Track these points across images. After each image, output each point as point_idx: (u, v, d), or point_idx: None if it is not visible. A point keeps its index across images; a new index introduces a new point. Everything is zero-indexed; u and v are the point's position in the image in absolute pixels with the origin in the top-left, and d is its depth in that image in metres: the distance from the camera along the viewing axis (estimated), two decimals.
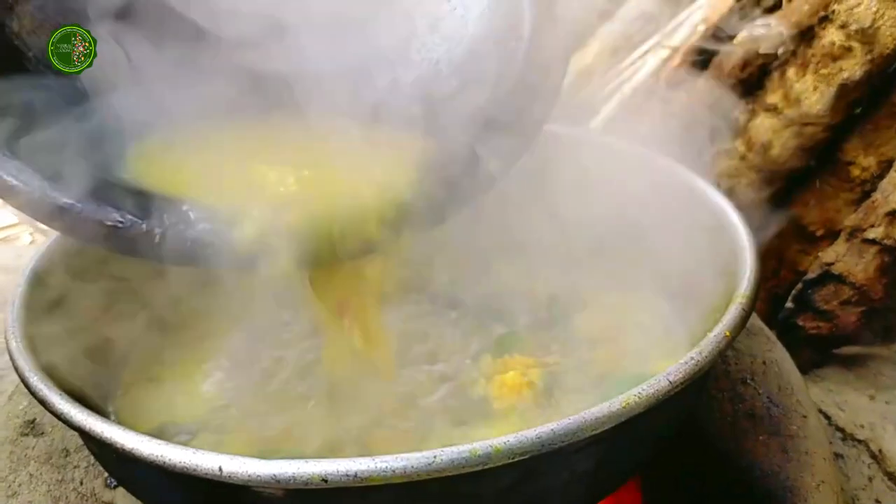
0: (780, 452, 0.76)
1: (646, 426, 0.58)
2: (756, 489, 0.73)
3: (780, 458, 0.76)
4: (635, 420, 0.52)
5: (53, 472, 0.79)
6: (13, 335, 0.67)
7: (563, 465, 0.55)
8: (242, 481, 0.50)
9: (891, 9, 1.05)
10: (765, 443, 0.77)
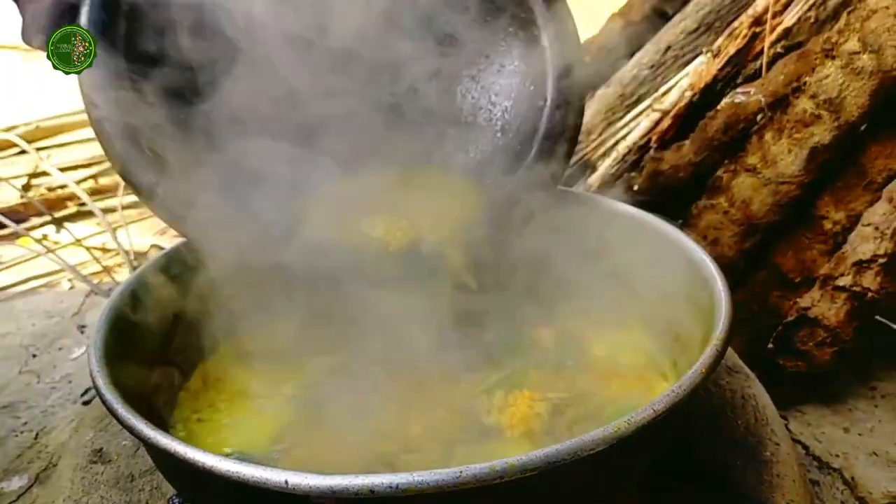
0: (756, 475, 0.87)
1: (636, 448, 0.69)
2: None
3: (755, 480, 0.87)
4: (626, 442, 0.63)
5: (121, 494, 0.90)
6: (98, 374, 0.78)
7: (566, 479, 0.66)
8: (304, 492, 0.61)
9: (855, 81, 1.19)
10: (742, 467, 0.88)
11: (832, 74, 1.21)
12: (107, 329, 0.87)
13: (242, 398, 0.98)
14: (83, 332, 1.70)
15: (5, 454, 1.31)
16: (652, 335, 1.01)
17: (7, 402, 1.47)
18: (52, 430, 1.37)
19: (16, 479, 1.25)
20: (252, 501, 0.67)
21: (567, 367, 0.98)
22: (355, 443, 0.85)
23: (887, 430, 1.25)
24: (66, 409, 1.43)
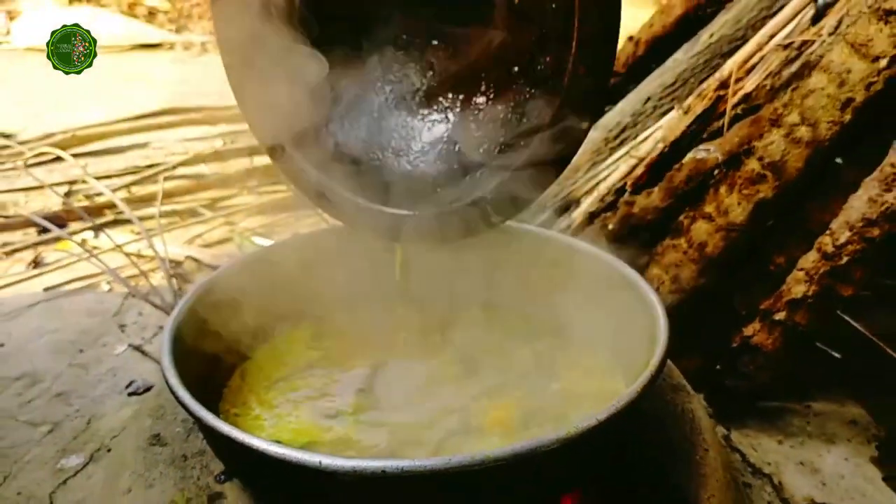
0: (686, 474, 1.10)
1: (584, 447, 0.91)
2: (670, 500, 1.07)
3: (685, 478, 1.09)
4: (575, 442, 0.85)
5: (177, 471, 1.12)
6: (170, 372, 1.00)
7: (528, 469, 0.89)
8: (333, 470, 0.83)
9: (794, 149, 1.41)
10: (676, 467, 1.11)
11: (776, 141, 1.43)
12: (175, 333, 1.09)
13: (269, 402, 1.21)
14: (123, 331, 1.92)
15: (62, 436, 1.54)
16: (611, 357, 1.24)
17: (60, 390, 1.70)
18: (102, 416, 1.59)
19: (73, 458, 1.47)
20: (291, 478, 0.90)
21: (542, 381, 1.21)
22: (369, 441, 1.08)
23: (815, 443, 1.47)
24: (113, 398, 1.65)
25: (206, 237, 2.47)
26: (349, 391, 1.21)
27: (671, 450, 1.14)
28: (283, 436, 1.12)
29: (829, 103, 1.37)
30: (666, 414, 1.21)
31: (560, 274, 1.31)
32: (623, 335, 1.20)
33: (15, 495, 1.38)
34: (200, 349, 1.18)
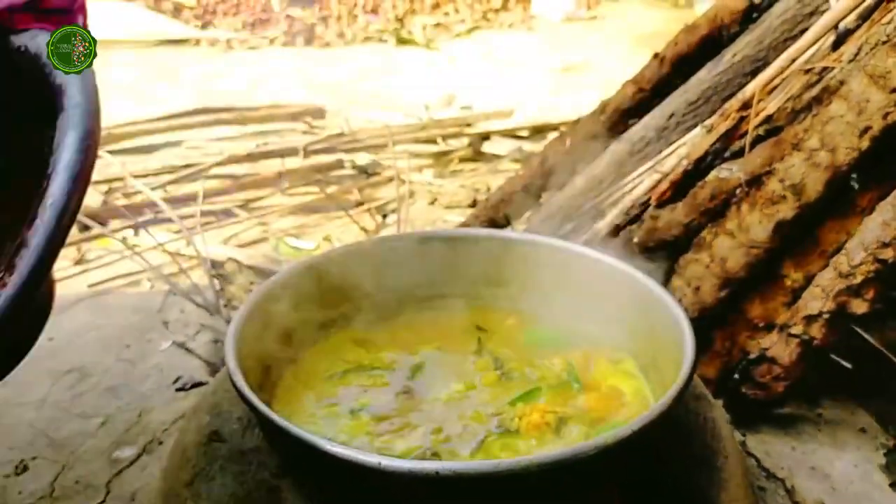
0: (708, 479, 1.18)
1: (620, 456, 0.99)
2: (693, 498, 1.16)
3: (707, 483, 1.18)
4: (612, 450, 0.94)
5: (235, 465, 1.21)
6: (236, 374, 1.09)
7: (570, 474, 0.97)
8: (391, 471, 0.92)
9: (814, 172, 1.49)
10: (698, 473, 1.19)
11: (797, 164, 1.51)
12: (238, 335, 1.18)
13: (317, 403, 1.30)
14: (167, 328, 2.02)
15: (115, 429, 1.64)
16: (639, 367, 1.33)
17: (110, 384, 1.80)
18: (151, 409, 1.69)
19: (127, 449, 1.57)
20: (349, 478, 0.99)
21: (573, 388, 1.29)
22: (414, 441, 1.17)
23: (826, 451, 1.55)
24: (162, 393, 1.75)
25: (240, 237, 2.56)
26: (392, 393, 1.30)
27: (694, 456, 1.23)
28: (334, 435, 1.21)
29: (847, 130, 1.45)
30: (689, 422, 1.29)
31: (590, 287, 1.40)
32: (650, 347, 1.29)
33: (73, 484, 1.48)
34: (256, 350, 1.27)
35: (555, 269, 1.47)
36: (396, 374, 1.36)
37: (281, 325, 1.36)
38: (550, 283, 1.48)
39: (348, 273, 1.48)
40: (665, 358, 1.22)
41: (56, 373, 1.84)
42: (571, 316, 1.44)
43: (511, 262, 1.51)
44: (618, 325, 1.38)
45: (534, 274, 1.50)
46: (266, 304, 1.32)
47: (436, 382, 1.32)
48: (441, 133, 3.28)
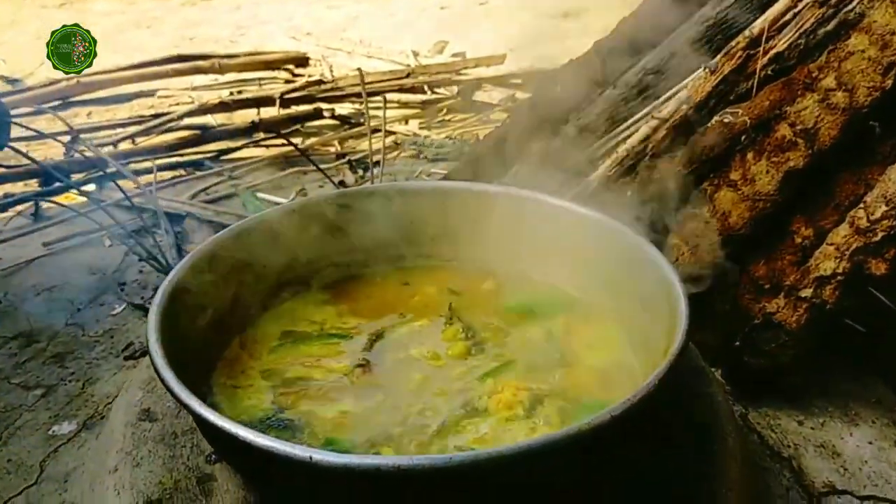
0: (704, 466, 1.04)
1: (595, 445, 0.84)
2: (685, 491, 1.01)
3: (703, 470, 1.03)
4: (581, 440, 0.79)
5: (166, 449, 1.07)
6: (156, 353, 0.94)
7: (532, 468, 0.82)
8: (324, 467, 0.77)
9: (829, 115, 1.32)
10: (694, 455, 1.05)
11: (810, 107, 1.34)
12: (163, 307, 1.03)
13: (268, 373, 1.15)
14: (123, 290, 1.87)
15: (56, 401, 1.50)
16: (627, 337, 1.17)
17: (56, 352, 1.65)
18: (96, 381, 1.55)
19: (66, 424, 1.43)
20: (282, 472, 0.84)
21: (552, 360, 1.14)
22: (371, 420, 1.02)
23: (836, 425, 1.40)
24: (110, 362, 1.60)
25: (210, 192, 2.40)
26: (350, 363, 1.15)
27: (689, 440, 1.08)
28: (280, 410, 1.06)
29: (869, 67, 1.28)
30: (685, 399, 1.14)
31: (575, 246, 1.24)
32: (639, 314, 1.13)
33: (5, 462, 1.35)
34: (198, 317, 1.13)
35: (537, 227, 1.30)
36: (354, 343, 1.21)
37: (226, 290, 1.21)
38: (532, 243, 1.31)
39: (304, 231, 1.32)
40: (656, 326, 1.06)
41: (1, 339, 1.70)
42: (554, 278, 1.28)
43: (491, 219, 1.34)
44: (604, 289, 1.22)
45: (514, 232, 1.33)
46: (204, 265, 1.17)
47: (397, 353, 1.17)
48: (428, 81, 3.09)
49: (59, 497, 1.26)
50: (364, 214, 1.36)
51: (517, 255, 1.32)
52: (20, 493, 1.28)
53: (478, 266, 1.35)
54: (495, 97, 3.14)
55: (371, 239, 1.38)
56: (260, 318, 1.26)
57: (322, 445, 0.99)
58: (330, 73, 3.34)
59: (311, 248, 1.33)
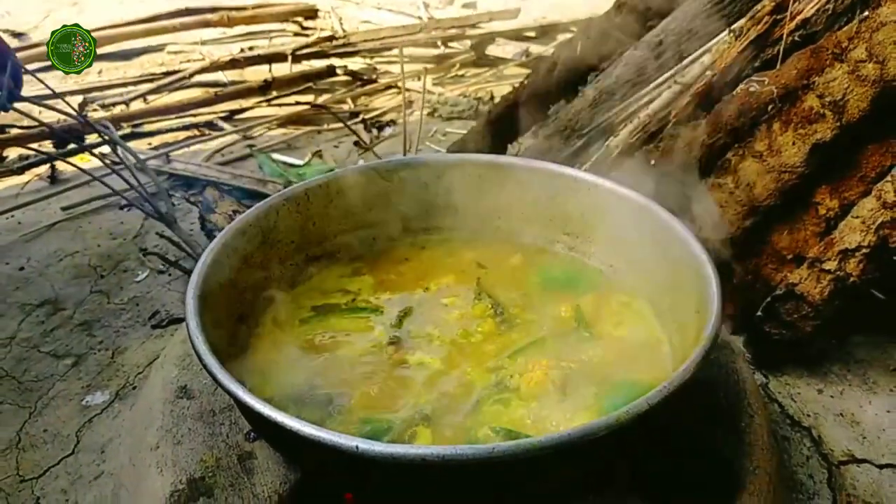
0: (731, 440, 1.06)
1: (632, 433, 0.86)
2: (714, 469, 1.03)
3: (730, 444, 1.05)
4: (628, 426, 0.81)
5: (205, 427, 1.09)
6: (197, 339, 0.95)
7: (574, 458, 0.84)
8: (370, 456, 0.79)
9: (858, 87, 1.31)
10: (720, 433, 1.07)
11: (839, 78, 1.33)
12: (199, 291, 1.04)
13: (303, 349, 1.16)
14: (145, 255, 1.88)
15: (87, 370, 1.52)
16: (656, 314, 1.18)
17: (83, 319, 1.67)
18: (125, 350, 1.57)
19: (98, 394, 1.46)
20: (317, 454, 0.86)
21: (581, 337, 1.15)
22: (395, 393, 1.04)
23: (856, 393, 1.43)
24: (137, 330, 1.62)
25: (224, 153, 2.39)
26: (382, 339, 1.17)
27: (716, 417, 1.10)
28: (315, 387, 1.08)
29: None
30: (710, 375, 1.16)
31: (603, 221, 1.25)
32: (667, 289, 1.15)
33: (41, 432, 1.38)
34: (232, 295, 1.14)
35: (566, 202, 1.31)
36: (384, 318, 1.22)
37: (257, 268, 1.22)
38: (559, 217, 1.32)
39: (332, 205, 1.33)
40: (685, 303, 1.08)
41: (27, 307, 1.72)
42: (582, 253, 1.29)
43: (517, 193, 1.35)
44: (633, 265, 1.23)
45: (543, 206, 1.34)
46: (236, 244, 1.17)
47: (427, 329, 1.18)
48: (442, 36, 3.04)
49: (98, 468, 1.29)
50: (393, 187, 1.36)
51: (546, 229, 1.33)
52: (59, 463, 1.31)
53: (505, 240, 1.36)
54: (509, 51, 3.10)
55: (398, 212, 1.39)
56: (291, 291, 1.28)
57: (359, 425, 1.01)
58: (340, 26, 3.29)
59: (340, 221, 1.34)
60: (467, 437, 0.98)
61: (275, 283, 1.26)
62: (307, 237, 1.31)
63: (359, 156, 2.35)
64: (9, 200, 2.15)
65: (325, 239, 1.33)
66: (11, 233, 2.00)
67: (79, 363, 1.53)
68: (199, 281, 1.06)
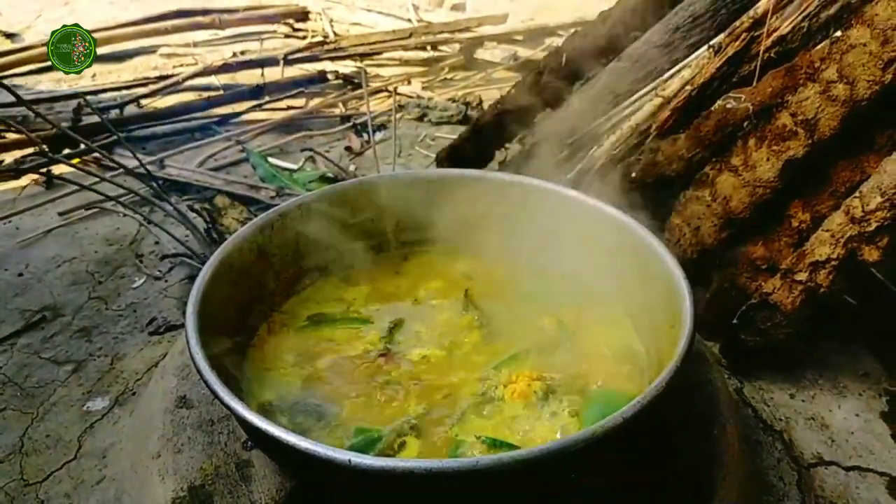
0: (702, 451, 1.12)
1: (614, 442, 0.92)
2: (686, 477, 1.09)
3: (703, 451, 1.12)
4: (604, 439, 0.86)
5: (204, 436, 1.15)
6: (197, 355, 1.00)
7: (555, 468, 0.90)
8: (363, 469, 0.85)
9: (830, 106, 1.37)
10: (693, 440, 1.13)
11: (811, 97, 1.38)
12: (198, 312, 1.09)
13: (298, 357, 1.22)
14: (141, 262, 1.93)
15: (87, 377, 1.57)
16: (634, 326, 1.24)
17: (82, 325, 1.72)
18: (124, 356, 1.62)
19: (99, 400, 1.51)
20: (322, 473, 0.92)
21: (564, 349, 1.21)
22: (386, 404, 1.10)
23: (826, 397, 1.49)
24: (135, 336, 1.67)
25: (217, 157, 2.43)
26: (372, 350, 1.22)
27: (690, 424, 1.16)
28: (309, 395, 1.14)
29: (870, 61, 1.32)
30: (685, 384, 1.22)
31: (586, 237, 1.30)
32: (645, 303, 1.20)
33: (44, 437, 1.42)
34: (228, 307, 1.19)
35: (549, 216, 1.36)
36: (374, 329, 1.28)
37: (253, 280, 1.28)
38: (543, 232, 1.38)
39: (324, 219, 1.38)
40: (661, 316, 1.13)
41: (27, 312, 1.76)
42: (564, 266, 1.35)
43: (501, 207, 1.40)
44: (612, 279, 1.29)
45: (526, 220, 1.39)
46: (233, 260, 1.22)
47: (416, 341, 1.24)
48: (431, 41, 3.08)
49: (99, 473, 1.34)
50: (379, 201, 1.42)
51: (530, 243, 1.39)
52: (62, 468, 1.36)
53: (490, 253, 1.42)
54: (497, 55, 3.15)
55: (386, 224, 1.44)
56: (286, 303, 1.34)
57: (351, 434, 1.07)
58: (331, 29, 3.33)
59: (331, 235, 1.39)
60: (454, 446, 1.04)
61: (270, 294, 1.32)
62: (301, 250, 1.36)
63: (350, 160, 2.40)
64: (6, 205, 2.19)
65: (317, 252, 1.39)
66: (9, 238, 2.04)
67: (79, 369, 1.58)
68: (199, 297, 1.11)
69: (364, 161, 2.40)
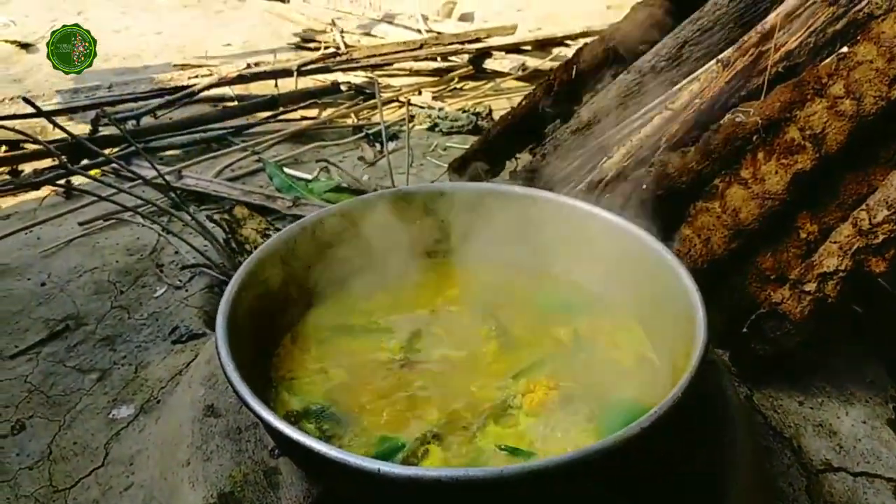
0: (715, 457, 1.15)
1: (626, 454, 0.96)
2: (698, 483, 1.12)
3: (714, 461, 1.15)
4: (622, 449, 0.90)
5: (232, 444, 1.19)
6: (228, 364, 1.04)
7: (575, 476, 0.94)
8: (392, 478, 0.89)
9: (837, 121, 1.41)
10: (706, 449, 1.16)
11: (818, 112, 1.42)
12: (227, 324, 1.13)
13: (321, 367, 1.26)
14: (161, 272, 1.97)
15: (112, 385, 1.61)
16: (649, 336, 1.28)
17: (105, 334, 1.76)
18: (147, 364, 1.66)
19: (124, 408, 1.55)
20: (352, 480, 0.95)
21: (579, 359, 1.25)
22: (408, 412, 1.14)
23: (834, 405, 1.52)
24: (158, 345, 1.71)
25: (234, 168, 2.47)
26: (394, 359, 1.26)
27: (703, 432, 1.19)
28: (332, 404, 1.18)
29: (876, 77, 1.36)
30: (698, 393, 1.25)
31: (602, 249, 1.34)
32: (659, 314, 1.24)
33: (71, 445, 1.46)
34: (255, 318, 1.22)
35: (566, 229, 1.40)
36: (395, 339, 1.31)
37: (277, 291, 1.32)
38: (560, 244, 1.42)
39: (346, 232, 1.42)
40: (674, 327, 1.17)
41: (51, 322, 1.81)
42: (580, 278, 1.39)
43: (521, 220, 1.44)
44: (627, 290, 1.32)
45: (545, 233, 1.43)
46: (259, 271, 1.26)
47: (436, 351, 1.28)
48: (442, 52, 3.13)
49: (127, 479, 1.38)
50: (401, 214, 1.46)
51: (547, 255, 1.42)
52: (90, 475, 1.40)
53: (506, 264, 1.45)
54: (506, 65, 3.19)
55: (408, 237, 1.48)
56: (309, 314, 1.37)
57: (375, 443, 1.10)
58: (341, 39, 3.38)
59: (352, 247, 1.43)
60: (476, 454, 1.08)
61: (293, 305, 1.35)
62: (324, 261, 1.40)
63: (363, 170, 2.45)
64: (27, 215, 2.24)
65: (339, 264, 1.42)
66: (31, 248, 2.09)
67: (104, 377, 1.62)
68: (228, 310, 1.15)
69: (377, 171, 2.44)
